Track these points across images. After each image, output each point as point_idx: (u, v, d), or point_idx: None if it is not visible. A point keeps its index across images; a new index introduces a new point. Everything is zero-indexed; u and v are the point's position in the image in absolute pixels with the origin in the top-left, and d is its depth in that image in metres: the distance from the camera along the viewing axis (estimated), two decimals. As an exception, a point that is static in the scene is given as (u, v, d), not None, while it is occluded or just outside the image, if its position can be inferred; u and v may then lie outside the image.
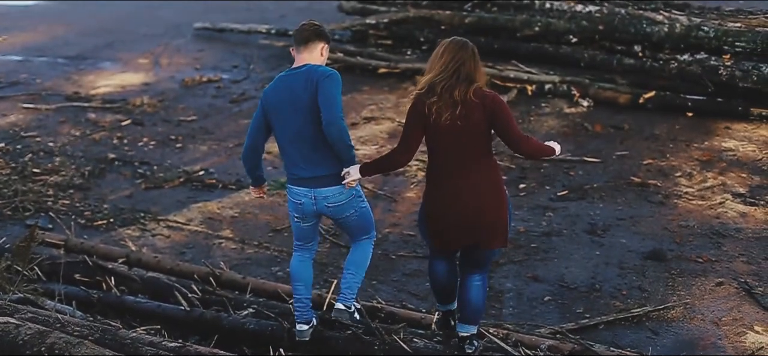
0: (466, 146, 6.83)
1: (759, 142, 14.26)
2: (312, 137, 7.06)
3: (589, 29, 17.68)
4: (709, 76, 15.82)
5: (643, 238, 10.95)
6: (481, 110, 6.74)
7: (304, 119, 7.05)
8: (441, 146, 6.90)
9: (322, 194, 7.17)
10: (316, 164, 7.12)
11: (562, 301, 9.46)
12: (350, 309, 7.46)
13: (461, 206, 6.91)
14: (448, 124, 6.75)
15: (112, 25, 24.65)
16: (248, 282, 9.16)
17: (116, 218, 11.83)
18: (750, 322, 8.97)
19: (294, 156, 7.19)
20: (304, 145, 7.12)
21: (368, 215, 7.52)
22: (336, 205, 7.23)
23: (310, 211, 7.31)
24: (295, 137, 7.14)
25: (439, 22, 19.47)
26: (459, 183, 6.89)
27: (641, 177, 12.90)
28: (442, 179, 6.98)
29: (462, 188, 6.89)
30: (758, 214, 11.60)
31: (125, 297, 8.83)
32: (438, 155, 6.95)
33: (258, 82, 18.74)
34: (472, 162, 6.87)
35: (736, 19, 17.74)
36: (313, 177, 7.15)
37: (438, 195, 7.02)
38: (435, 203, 7.05)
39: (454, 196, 6.92)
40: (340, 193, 7.17)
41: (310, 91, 6.99)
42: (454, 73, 6.78)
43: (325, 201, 7.20)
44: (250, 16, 24.66)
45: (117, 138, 15.14)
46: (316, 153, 7.10)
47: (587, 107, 16.26)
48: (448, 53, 6.86)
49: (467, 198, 6.89)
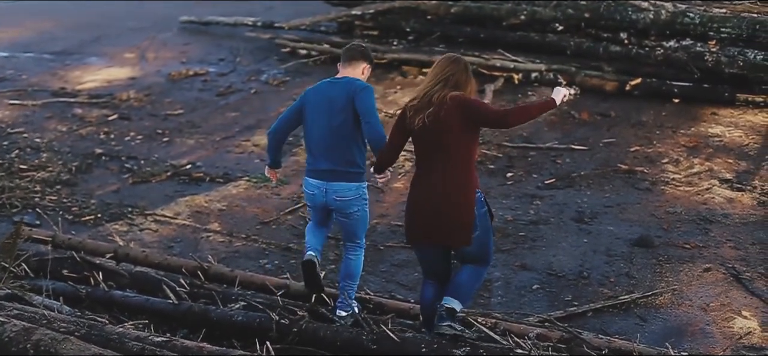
0: (436, 147, 7.10)
1: (745, 127, 14.30)
2: (336, 137, 7.81)
3: (574, 17, 17.68)
4: (695, 63, 15.84)
5: (631, 225, 10.98)
6: (452, 110, 6.96)
7: (333, 121, 7.80)
8: (417, 148, 7.28)
9: (333, 187, 7.85)
10: (334, 161, 7.82)
11: (550, 289, 9.48)
12: (349, 312, 8.10)
13: (425, 205, 7.22)
14: (421, 126, 7.07)
15: (98, 20, 24.57)
16: (236, 275, 9.16)
17: (104, 213, 11.81)
18: (738, 307, 9.00)
19: (316, 151, 7.91)
20: (328, 142, 7.83)
21: (366, 219, 8.16)
22: (343, 199, 7.88)
23: (320, 202, 7.99)
24: (322, 134, 7.86)
25: (425, 11, 19.44)
26: (426, 183, 7.21)
27: (628, 164, 12.93)
28: (416, 178, 7.37)
29: (428, 188, 7.19)
30: (745, 199, 11.64)
31: (113, 292, 8.82)
32: (418, 156, 7.35)
33: (244, 75, 18.71)
34: (441, 163, 7.10)
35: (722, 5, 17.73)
36: (329, 170, 7.84)
37: (411, 192, 7.40)
38: (409, 199, 7.42)
39: (421, 194, 7.27)
40: (348, 189, 7.84)
41: (347, 99, 7.77)
42: (440, 81, 7.10)
43: (335, 194, 7.86)
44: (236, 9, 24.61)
45: (104, 133, 15.10)
46: (335, 151, 7.81)
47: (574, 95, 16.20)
48: (439, 66, 7.22)
49: (431, 197, 7.16)
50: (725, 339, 8.46)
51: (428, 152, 7.17)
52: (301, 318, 7.86)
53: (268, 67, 19.19)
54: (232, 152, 14.14)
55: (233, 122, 15.72)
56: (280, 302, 8.30)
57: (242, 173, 13.11)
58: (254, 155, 13.95)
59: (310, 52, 19.62)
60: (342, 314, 8.09)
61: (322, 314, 8.09)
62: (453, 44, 18.75)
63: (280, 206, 11.87)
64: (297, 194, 12.17)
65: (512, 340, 7.60)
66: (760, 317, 8.82)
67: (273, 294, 8.58)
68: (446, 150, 7.07)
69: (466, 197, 7.12)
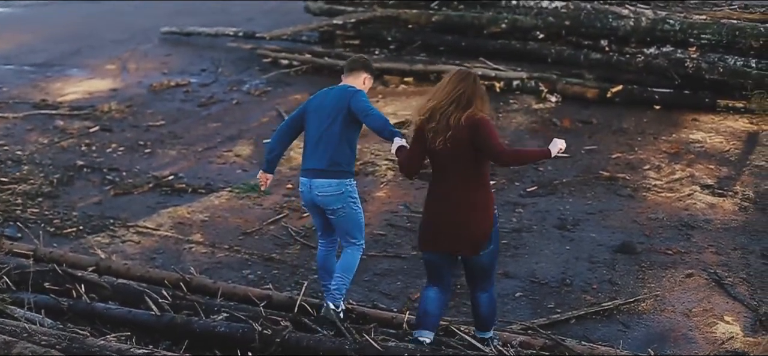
0: (455, 166, 7.41)
1: (726, 133, 14.35)
2: (323, 139, 8.26)
3: (555, 25, 17.73)
4: (675, 69, 15.90)
5: (613, 232, 11.00)
6: (467, 133, 7.28)
7: (322, 125, 8.29)
8: (435, 165, 7.56)
9: (315, 184, 8.25)
10: (318, 160, 8.26)
11: (533, 297, 9.49)
12: (338, 308, 8.28)
13: (442, 217, 7.53)
14: (441, 147, 7.36)
15: (79, 32, 24.51)
16: (219, 286, 9.15)
17: (85, 225, 11.77)
18: (720, 312, 9.03)
19: (309, 152, 8.36)
20: (319, 144, 8.29)
21: (357, 219, 8.45)
22: (325, 196, 8.26)
23: (307, 199, 8.42)
24: (316, 136, 8.33)
25: (407, 20, 19.48)
26: (444, 198, 7.51)
27: (610, 171, 12.95)
28: (434, 191, 7.66)
29: (446, 203, 7.49)
30: (726, 205, 11.67)
31: (95, 304, 8.77)
32: (435, 171, 7.61)
33: (226, 85, 18.68)
34: (459, 181, 7.43)
35: (701, 11, 17.82)
36: (313, 169, 8.29)
37: (429, 204, 7.70)
38: (426, 209, 7.73)
39: (439, 208, 7.57)
40: (328, 185, 8.21)
41: (341, 104, 8.26)
42: (453, 101, 7.37)
43: (317, 190, 8.25)
44: (217, 20, 24.59)
45: (85, 145, 15.06)
46: (321, 152, 8.26)
47: (555, 103, 16.30)
48: (451, 83, 7.48)
49: (449, 211, 7.48)
50: (708, 345, 8.49)
51: (447, 169, 7.48)
52: (284, 328, 7.85)
53: (250, 78, 19.17)
54: (214, 162, 14.12)
55: (215, 132, 15.69)
56: (262, 312, 8.28)
57: (224, 183, 13.09)
58: (236, 165, 13.94)
59: (292, 62, 19.61)
60: (330, 306, 8.26)
61: (305, 324, 8.08)
62: (434, 53, 18.81)
63: (263, 217, 11.85)
64: (279, 205, 12.16)
65: (495, 348, 7.61)
66: (743, 322, 8.85)
67: (256, 305, 8.57)
68: (464, 168, 7.42)
69: (485, 212, 7.52)
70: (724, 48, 15.96)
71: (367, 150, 14.09)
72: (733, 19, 16.79)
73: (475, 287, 7.81)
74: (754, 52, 15.69)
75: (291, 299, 8.68)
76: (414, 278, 9.98)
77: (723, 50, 15.92)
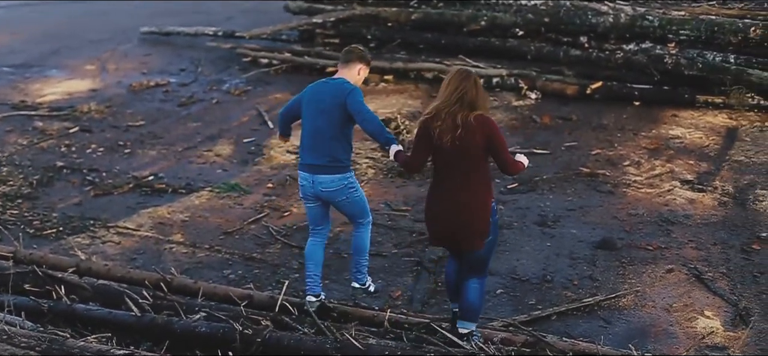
0: (461, 163, 7.69)
1: (705, 129, 14.41)
2: (324, 134, 8.52)
3: (534, 22, 17.76)
4: (654, 65, 15.96)
5: (593, 228, 11.03)
6: (480, 134, 7.61)
7: (318, 120, 8.55)
8: (441, 161, 7.80)
9: (318, 180, 8.59)
10: (318, 156, 8.56)
11: (514, 293, 9.50)
12: (365, 285, 9.13)
13: (446, 212, 7.81)
14: (449, 144, 7.62)
15: (58, 32, 24.43)
16: (200, 286, 9.12)
17: (66, 226, 11.72)
18: (700, 307, 9.06)
19: (307, 146, 8.65)
20: (316, 138, 8.56)
21: (360, 202, 8.88)
22: (328, 191, 8.62)
23: (309, 192, 8.71)
24: (312, 130, 8.60)
25: (386, 19, 19.48)
26: (449, 193, 7.79)
27: (590, 167, 12.98)
28: (438, 186, 7.90)
29: (450, 198, 7.78)
30: (706, 200, 11.71)
31: (76, 306, 8.75)
32: (438, 167, 7.88)
33: (206, 84, 18.65)
34: (463, 177, 7.73)
35: (680, 7, 17.89)
36: (314, 165, 8.59)
37: (433, 199, 7.96)
38: (429, 204, 8.00)
39: (443, 202, 7.84)
40: (331, 181, 8.57)
41: (337, 101, 8.48)
42: (458, 100, 7.65)
43: (321, 186, 8.60)
44: (196, 19, 24.53)
45: (65, 146, 15.00)
46: (319, 148, 8.54)
47: (535, 100, 16.33)
48: (453, 84, 7.75)
49: (452, 206, 7.77)
50: (688, 339, 8.51)
51: (451, 166, 7.74)
52: (265, 327, 7.85)
53: (230, 77, 19.14)
54: (194, 162, 14.09)
55: (195, 132, 15.66)
56: (243, 312, 8.27)
57: (205, 183, 13.06)
58: (217, 165, 13.91)
59: (272, 61, 19.60)
60: (355, 285, 9.11)
61: (286, 323, 8.07)
62: (414, 51, 18.82)
63: (244, 216, 11.83)
64: (260, 204, 12.14)
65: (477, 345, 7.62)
66: (723, 316, 8.88)
67: (237, 305, 8.56)
68: (469, 165, 7.71)
69: (484, 208, 7.80)
70: (702, 44, 16.04)
71: (347, 149, 14.10)
72: (712, 15, 16.86)
73: (469, 274, 8.06)
74: (732, 48, 15.79)
75: (272, 298, 8.67)
76: (395, 276, 9.99)
77: (702, 46, 16.00)
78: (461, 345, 7.58)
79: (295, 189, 12.57)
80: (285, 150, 14.11)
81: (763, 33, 15.55)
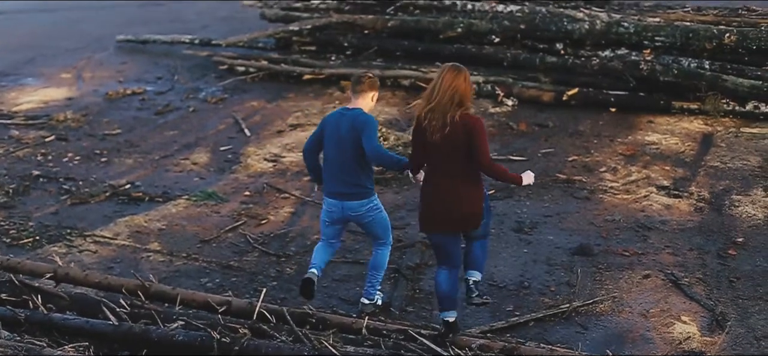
0: (450, 157, 8.08)
1: (681, 134, 14.48)
2: (345, 164, 8.94)
3: (510, 29, 17.81)
4: (630, 72, 16.04)
5: (570, 234, 11.06)
6: (463, 131, 7.99)
7: (341, 150, 8.94)
8: (432, 156, 8.23)
9: (347, 205, 9.03)
10: (344, 185, 9.00)
11: (491, 300, 9.49)
12: (374, 301, 9.33)
13: (443, 202, 8.23)
14: (438, 140, 8.03)
15: (33, 41, 24.35)
16: (178, 293, 9.09)
17: (42, 235, 11.66)
18: (677, 313, 9.10)
19: (333, 175, 9.08)
20: (339, 168, 8.99)
21: (384, 222, 9.30)
22: (356, 214, 9.09)
23: (338, 218, 9.16)
24: (333, 160, 9.04)
25: (363, 26, 19.50)
26: (441, 185, 8.23)
27: (567, 174, 13.02)
28: (430, 179, 8.35)
29: (444, 190, 8.21)
30: (682, 206, 11.77)
31: (53, 315, 8.70)
32: (430, 162, 8.33)
33: (182, 92, 18.63)
34: (453, 170, 8.13)
35: (655, 14, 18.00)
36: (342, 193, 9.02)
37: (426, 191, 8.39)
38: (425, 196, 8.41)
39: (438, 195, 8.25)
40: (359, 205, 9.03)
41: (353, 133, 8.84)
42: (450, 99, 8.02)
43: (350, 211, 9.06)
44: (172, 27, 24.50)
45: (41, 154, 14.93)
46: (345, 177, 8.98)
47: (512, 106, 16.39)
48: (447, 81, 8.10)
49: (447, 198, 8.21)
50: (665, 345, 8.54)
51: (443, 160, 8.14)
52: (243, 335, 7.83)
53: (206, 85, 19.13)
54: (171, 170, 14.05)
55: (172, 140, 15.63)
56: (221, 320, 8.25)
57: (182, 191, 13.02)
58: (193, 173, 13.88)
59: (248, 69, 19.61)
60: (365, 301, 9.30)
61: (263, 331, 8.06)
62: (391, 58, 18.86)
63: (221, 224, 11.81)
64: (237, 212, 12.12)
65: (455, 351, 7.63)
66: (699, 322, 8.91)
67: (214, 313, 8.54)
68: (459, 160, 8.08)
69: (477, 194, 8.27)
70: (678, 50, 16.13)
71: (324, 156, 14.10)
72: (687, 21, 16.96)
73: (473, 239, 8.64)
74: (707, 54, 15.89)
75: (250, 306, 8.65)
76: (373, 283, 10.00)
77: (677, 52, 16.10)
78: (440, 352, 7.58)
79: (273, 197, 12.59)
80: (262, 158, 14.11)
81: (737, 39, 15.65)
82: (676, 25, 16.48)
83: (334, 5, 20.73)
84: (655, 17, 17.60)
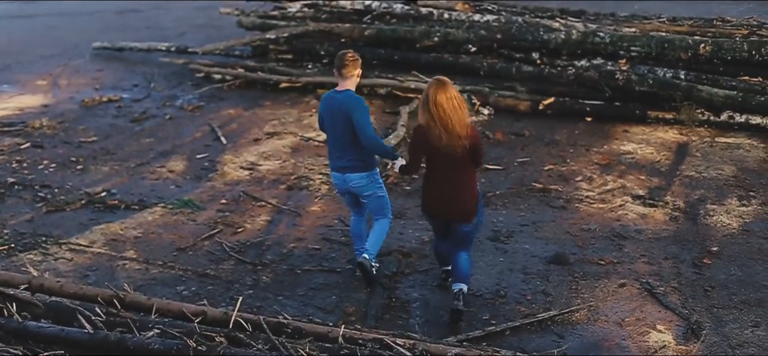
0: (457, 162, 9.13)
1: (656, 144, 14.55)
2: (344, 141, 9.78)
3: (487, 38, 17.86)
4: (606, 81, 16.10)
5: (546, 243, 11.09)
6: (469, 142, 9.07)
7: (337, 130, 9.80)
8: (439, 161, 9.17)
9: (349, 178, 9.91)
10: (346, 159, 9.86)
11: (468, 309, 9.51)
12: (371, 263, 9.97)
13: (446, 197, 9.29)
14: (447, 149, 9.03)
15: (9, 47, 24.28)
16: (153, 302, 9.06)
17: (17, 243, 11.61)
18: (653, 321, 9.13)
19: (333, 151, 10.00)
20: (339, 145, 9.87)
21: (384, 199, 10.20)
22: (358, 186, 9.95)
23: (342, 188, 10.09)
24: (334, 139, 9.91)
25: (339, 35, 19.52)
26: (447, 184, 9.24)
27: (543, 183, 13.06)
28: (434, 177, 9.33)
29: (449, 189, 9.24)
30: (657, 215, 11.82)
31: (28, 323, 8.66)
32: (436, 165, 9.25)
33: (159, 100, 18.60)
34: (458, 171, 9.21)
35: (631, 24, 18.08)
36: (344, 166, 9.90)
37: (432, 187, 9.37)
38: (429, 190, 9.41)
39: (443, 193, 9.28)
40: (360, 178, 9.89)
41: (345, 114, 9.66)
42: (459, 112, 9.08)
43: (351, 182, 9.93)
44: (149, 35, 24.46)
45: (16, 162, 14.88)
46: (346, 152, 9.83)
47: (488, 116, 16.42)
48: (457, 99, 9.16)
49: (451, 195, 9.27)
50: (641, 353, 8.57)
51: (448, 164, 9.13)
52: (219, 344, 7.82)
53: (183, 93, 19.11)
54: (147, 178, 14.02)
55: (148, 148, 15.59)
56: (197, 329, 8.23)
57: (158, 199, 12.99)
58: (170, 181, 13.85)
59: (225, 77, 19.61)
60: (366, 257, 9.96)
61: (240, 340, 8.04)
62: (367, 67, 18.79)
63: (197, 232, 11.78)
64: (213, 220, 12.11)
65: (431, 360, 7.64)
66: (675, 330, 8.95)
67: (190, 321, 8.52)
68: (462, 164, 9.16)
69: (473, 194, 9.35)
70: (653, 60, 16.21)
71: (301, 164, 14.10)
72: (662, 31, 17.05)
73: (458, 249, 9.54)
74: (682, 64, 15.98)
75: (226, 315, 8.62)
76: (349, 292, 9.99)
77: (652, 62, 16.18)
78: (416, 361, 7.63)
79: (249, 205, 12.57)
80: (238, 166, 14.11)
81: (712, 50, 15.74)
82: (651, 35, 16.55)
83: (310, 14, 20.74)
84: (631, 27, 17.68)
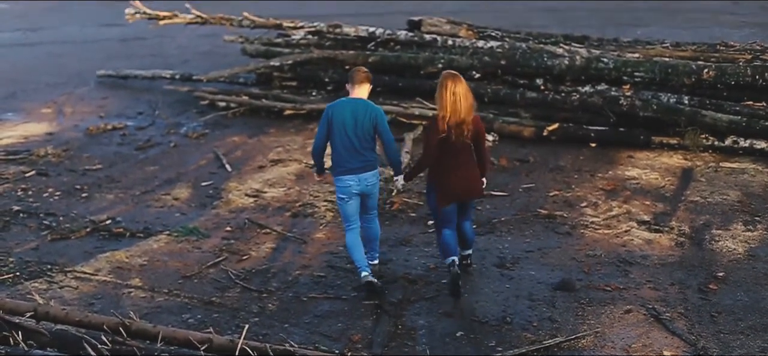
0: (467, 150, 10.40)
1: (661, 169, 14.54)
2: (361, 144, 10.49)
3: (491, 64, 17.89)
4: (610, 107, 16.10)
5: (552, 269, 11.07)
6: (474, 131, 10.32)
7: (359, 132, 10.47)
8: (450, 150, 10.27)
9: (364, 177, 10.56)
10: (360, 160, 10.51)
11: (474, 336, 9.50)
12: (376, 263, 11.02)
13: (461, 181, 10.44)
14: (454, 139, 10.22)
15: (14, 75, 24.34)
16: (159, 330, 9.06)
17: (22, 271, 11.61)
18: (659, 348, 9.10)
19: (345, 156, 10.51)
20: (359, 147, 10.50)
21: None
22: (371, 184, 10.65)
23: (356, 191, 10.59)
24: (348, 143, 10.48)
25: (344, 61, 19.54)
26: (460, 170, 10.38)
27: (548, 209, 13.05)
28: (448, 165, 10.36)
29: (463, 174, 10.42)
30: (663, 240, 11.80)
31: (33, 352, 8.66)
32: (447, 153, 10.29)
33: (164, 128, 18.63)
34: (467, 159, 10.42)
35: (635, 49, 18.10)
36: (359, 167, 10.51)
37: (445, 174, 10.39)
38: (444, 179, 10.42)
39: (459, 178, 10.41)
40: (373, 175, 10.64)
41: (370, 119, 10.47)
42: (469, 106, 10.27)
43: (366, 181, 10.59)
44: (153, 62, 24.51)
45: (21, 190, 14.90)
46: (361, 153, 10.50)
47: (492, 142, 16.42)
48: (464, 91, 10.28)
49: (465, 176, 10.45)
50: (647, 380, 8.56)
51: (461, 152, 10.32)
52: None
53: (187, 120, 19.14)
54: (152, 206, 14.03)
55: (153, 175, 15.61)
56: None
57: (163, 227, 12.99)
58: (175, 208, 13.86)
59: (229, 104, 19.63)
60: (374, 263, 10.98)
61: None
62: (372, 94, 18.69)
63: (202, 260, 11.78)
64: (219, 248, 12.10)
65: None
66: (681, 356, 8.94)
67: (196, 349, 8.51)
68: (469, 149, 10.40)
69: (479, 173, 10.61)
70: (657, 86, 16.23)
71: (306, 192, 14.10)
72: (666, 57, 17.07)
73: (464, 218, 10.83)
74: (686, 90, 16.00)
75: (232, 342, 8.62)
76: (355, 319, 9.97)
77: (656, 88, 16.20)
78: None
79: (254, 233, 12.57)
80: (243, 194, 14.11)
81: (716, 75, 15.75)
82: (655, 60, 16.57)
83: (314, 41, 20.77)
84: (635, 53, 17.70)
